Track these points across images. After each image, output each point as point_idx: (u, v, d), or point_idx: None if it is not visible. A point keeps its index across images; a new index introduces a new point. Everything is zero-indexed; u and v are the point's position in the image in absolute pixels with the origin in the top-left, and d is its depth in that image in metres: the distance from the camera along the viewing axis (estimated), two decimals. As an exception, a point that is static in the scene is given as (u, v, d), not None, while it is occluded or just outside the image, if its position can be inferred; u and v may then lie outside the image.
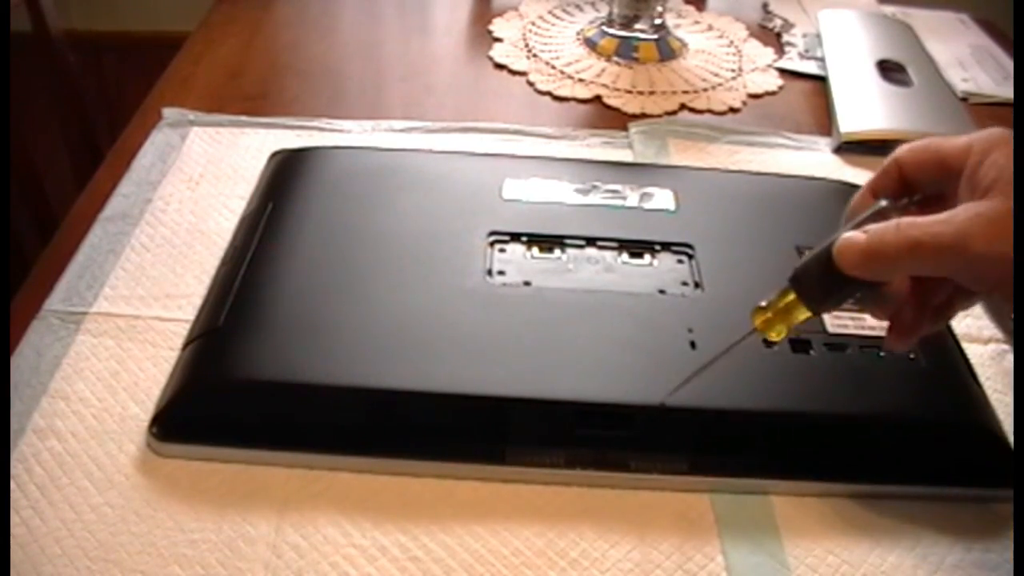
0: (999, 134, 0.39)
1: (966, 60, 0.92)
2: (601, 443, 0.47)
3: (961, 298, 0.43)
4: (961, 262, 0.37)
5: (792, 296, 0.43)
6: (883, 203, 0.42)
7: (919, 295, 0.42)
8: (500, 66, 0.87)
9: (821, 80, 0.86)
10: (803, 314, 0.43)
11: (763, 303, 0.44)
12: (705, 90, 0.85)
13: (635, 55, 0.88)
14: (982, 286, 0.38)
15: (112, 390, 0.50)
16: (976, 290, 0.40)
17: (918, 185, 0.43)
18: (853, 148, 0.75)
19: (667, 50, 0.89)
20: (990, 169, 0.38)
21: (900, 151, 0.43)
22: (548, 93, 0.83)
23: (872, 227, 0.40)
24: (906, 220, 0.39)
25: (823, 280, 0.42)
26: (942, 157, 0.41)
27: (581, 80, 0.85)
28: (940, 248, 0.37)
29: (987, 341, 0.57)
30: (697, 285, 0.54)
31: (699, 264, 0.55)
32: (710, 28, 0.96)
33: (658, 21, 0.90)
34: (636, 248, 0.56)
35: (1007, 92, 0.87)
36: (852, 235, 0.40)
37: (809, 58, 0.91)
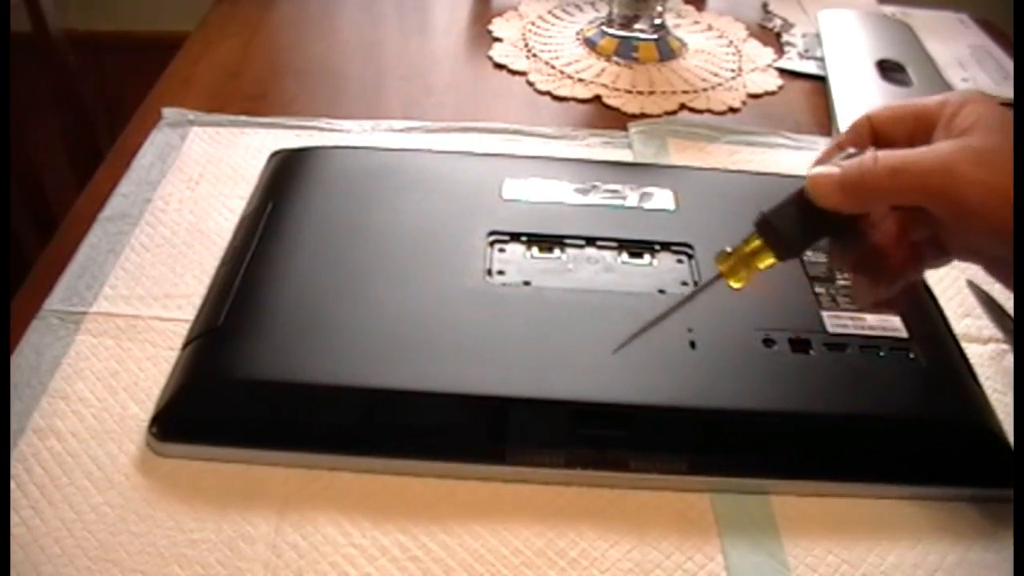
0: (973, 91, 0.39)
1: (966, 60, 0.92)
2: (601, 443, 0.47)
3: (932, 252, 0.42)
4: (944, 188, 0.36)
5: (757, 242, 0.42)
6: (851, 150, 0.41)
7: (888, 243, 0.41)
8: (500, 66, 0.87)
9: (821, 80, 0.86)
10: (767, 260, 0.42)
11: (728, 249, 0.43)
12: (705, 90, 0.85)
13: (635, 55, 0.88)
14: (960, 215, 0.37)
15: (112, 390, 0.50)
16: (952, 223, 0.38)
17: (889, 140, 0.42)
18: (853, 148, 0.75)
19: (667, 50, 0.89)
20: (968, 115, 0.38)
21: (872, 109, 0.43)
22: (548, 93, 0.83)
23: (845, 161, 0.39)
24: (883, 152, 0.38)
25: (792, 222, 0.41)
26: (917, 110, 0.41)
27: (581, 80, 0.85)
28: (923, 174, 0.37)
29: (987, 341, 0.57)
30: (697, 285, 0.54)
31: (699, 264, 0.55)
32: (710, 28, 0.96)
33: (658, 21, 0.90)
34: (636, 248, 0.56)
35: (1007, 92, 0.87)
36: (824, 168, 0.39)
37: (809, 58, 0.91)
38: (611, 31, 0.90)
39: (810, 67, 0.89)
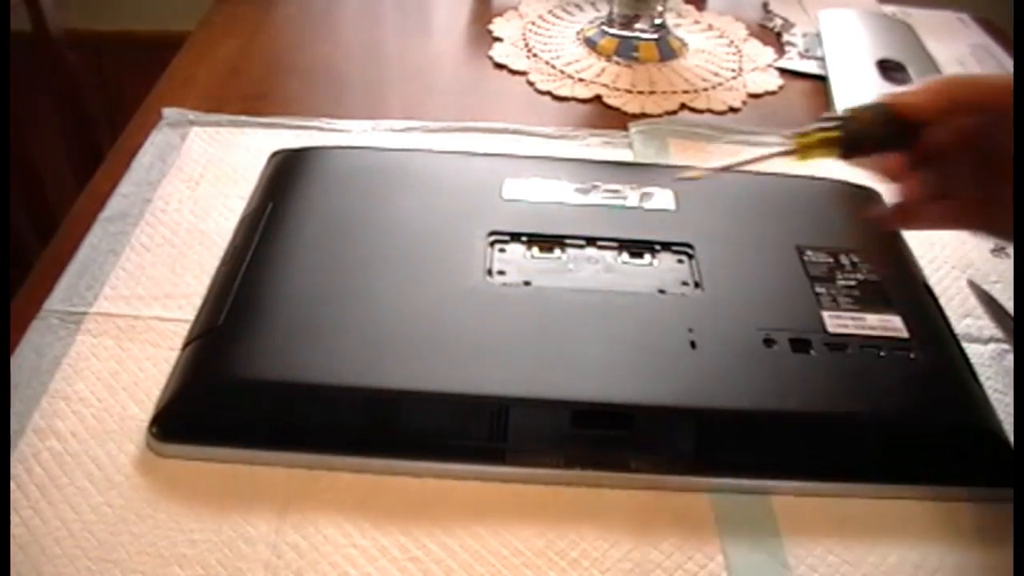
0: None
1: (966, 59, 0.92)
2: (601, 443, 0.47)
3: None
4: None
5: (835, 134, 0.48)
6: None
7: (943, 143, 0.49)
8: (500, 66, 0.87)
9: (821, 80, 0.86)
10: (832, 153, 0.48)
11: (806, 130, 0.48)
12: (705, 90, 0.84)
13: (635, 55, 0.88)
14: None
15: (112, 390, 0.50)
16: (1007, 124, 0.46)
17: None
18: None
19: (667, 50, 0.89)
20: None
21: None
22: (548, 93, 0.83)
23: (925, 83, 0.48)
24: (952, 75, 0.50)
25: (868, 127, 0.48)
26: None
27: (581, 80, 0.85)
28: (993, 83, 0.47)
29: (987, 341, 0.57)
30: (697, 285, 0.54)
31: (699, 264, 0.55)
32: (710, 28, 0.96)
33: (658, 21, 0.90)
34: (636, 248, 0.56)
35: (1007, 91, 0.87)
36: (904, 88, 0.49)
37: (809, 57, 0.91)
38: (611, 31, 0.90)
39: (811, 67, 0.89)
